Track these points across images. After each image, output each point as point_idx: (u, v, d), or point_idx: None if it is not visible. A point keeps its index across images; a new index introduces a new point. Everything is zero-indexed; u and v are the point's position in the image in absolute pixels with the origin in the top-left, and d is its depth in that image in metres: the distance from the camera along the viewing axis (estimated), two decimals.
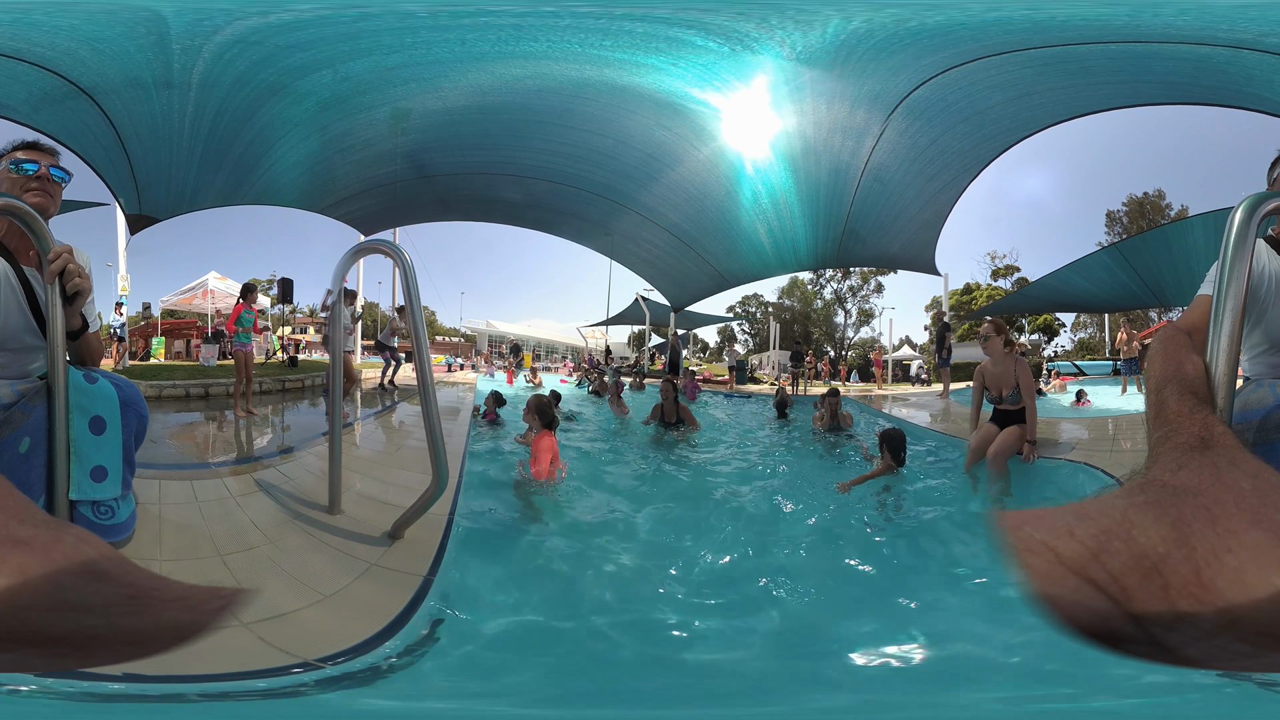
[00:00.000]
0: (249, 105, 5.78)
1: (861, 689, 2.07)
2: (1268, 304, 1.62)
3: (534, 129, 7.37)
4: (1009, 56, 4.98)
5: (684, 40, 4.95)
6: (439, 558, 2.82)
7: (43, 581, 0.44)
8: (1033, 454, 4.49)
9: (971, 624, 2.48)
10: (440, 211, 10.91)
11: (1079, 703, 1.77)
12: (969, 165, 7.52)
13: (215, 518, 3.07)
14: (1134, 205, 32.45)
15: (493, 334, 33.59)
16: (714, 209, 9.45)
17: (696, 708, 1.97)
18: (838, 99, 6.04)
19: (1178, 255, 10.32)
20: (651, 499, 4.30)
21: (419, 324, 2.88)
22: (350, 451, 4.85)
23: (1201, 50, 4.38)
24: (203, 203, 7.87)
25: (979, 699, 1.94)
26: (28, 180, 1.98)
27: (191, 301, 17.12)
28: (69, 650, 0.44)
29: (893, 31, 4.68)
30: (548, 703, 1.93)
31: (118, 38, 4.33)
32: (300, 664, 1.85)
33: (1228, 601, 0.39)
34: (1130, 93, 5.52)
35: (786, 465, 5.71)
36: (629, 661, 2.23)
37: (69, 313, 1.84)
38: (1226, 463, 0.53)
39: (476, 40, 4.98)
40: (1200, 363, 0.85)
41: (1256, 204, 1.04)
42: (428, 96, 6.17)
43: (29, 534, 0.48)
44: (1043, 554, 0.45)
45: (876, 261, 13.43)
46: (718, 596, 2.79)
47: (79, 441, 1.91)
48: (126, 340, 12.47)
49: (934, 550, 3.38)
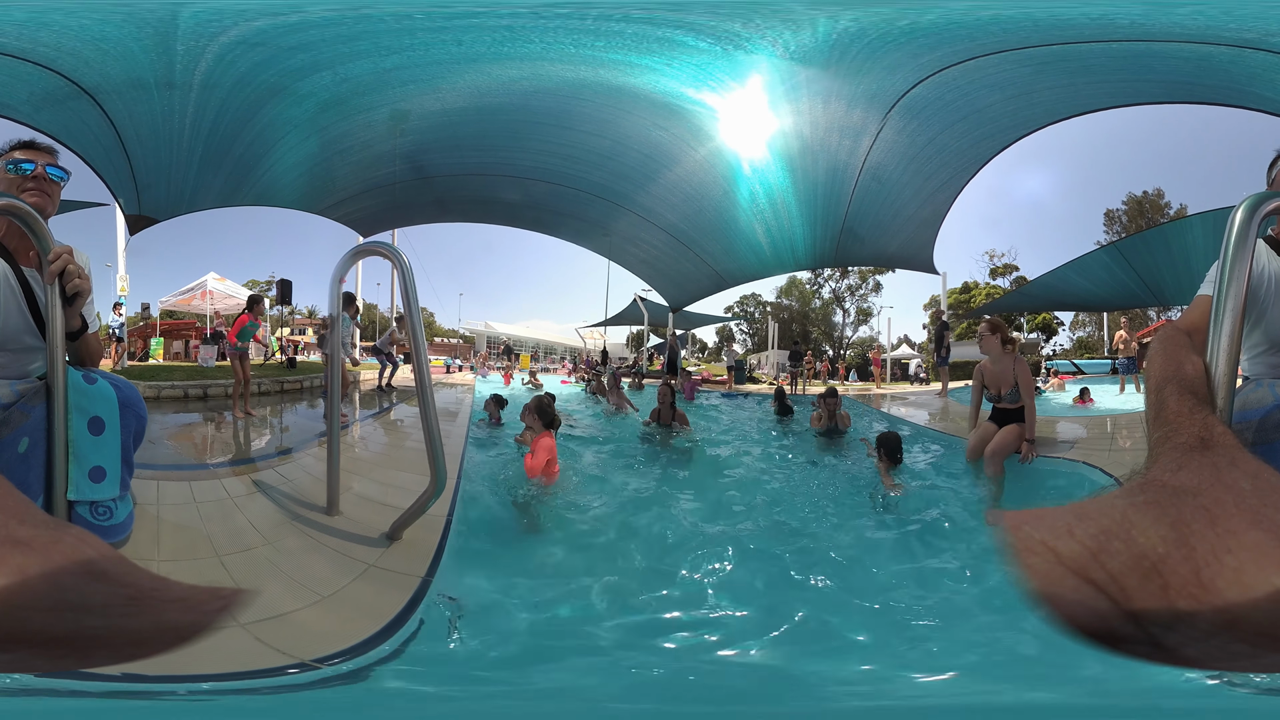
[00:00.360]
0: (249, 106, 5.79)
1: (861, 691, 2.07)
2: (1268, 304, 1.62)
3: (531, 130, 7.37)
4: (1008, 55, 4.97)
5: (675, 40, 4.95)
6: (437, 559, 2.81)
7: (42, 582, 0.44)
8: (1031, 453, 4.49)
9: (972, 625, 2.48)
10: (439, 213, 10.92)
11: (1077, 702, 1.77)
12: (967, 164, 7.53)
13: (213, 518, 3.07)
14: (1133, 204, 32.50)
15: (491, 335, 33.59)
16: (712, 209, 9.45)
17: (702, 705, 1.97)
18: (834, 98, 6.04)
19: (1177, 254, 10.33)
20: (652, 498, 4.30)
21: (417, 325, 2.88)
22: (349, 453, 4.85)
23: (1205, 49, 4.38)
24: (202, 203, 7.87)
25: (978, 699, 1.94)
26: (24, 180, 1.97)
27: (190, 302, 17.12)
28: (68, 651, 0.44)
29: (887, 30, 4.68)
30: (547, 700, 1.93)
31: (124, 38, 4.33)
32: (298, 664, 1.85)
33: (1227, 602, 0.39)
34: (1131, 91, 5.53)
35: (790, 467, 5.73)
36: (631, 660, 2.23)
37: (68, 314, 1.83)
38: (1226, 463, 0.53)
39: (473, 41, 4.99)
40: (1200, 363, 0.85)
41: (1257, 204, 1.04)
42: (426, 98, 6.17)
43: (28, 534, 0.48)
44: (1042, 553, 0.45)
45: (874, 261, 13.44)
46: (718, 595, 2.79)
47: (78, 442, 1.91)
48: (125, 341, 12.47)
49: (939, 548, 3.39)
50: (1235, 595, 0.39)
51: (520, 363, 21.75)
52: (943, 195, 8.26)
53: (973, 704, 1.91)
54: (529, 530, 3.69)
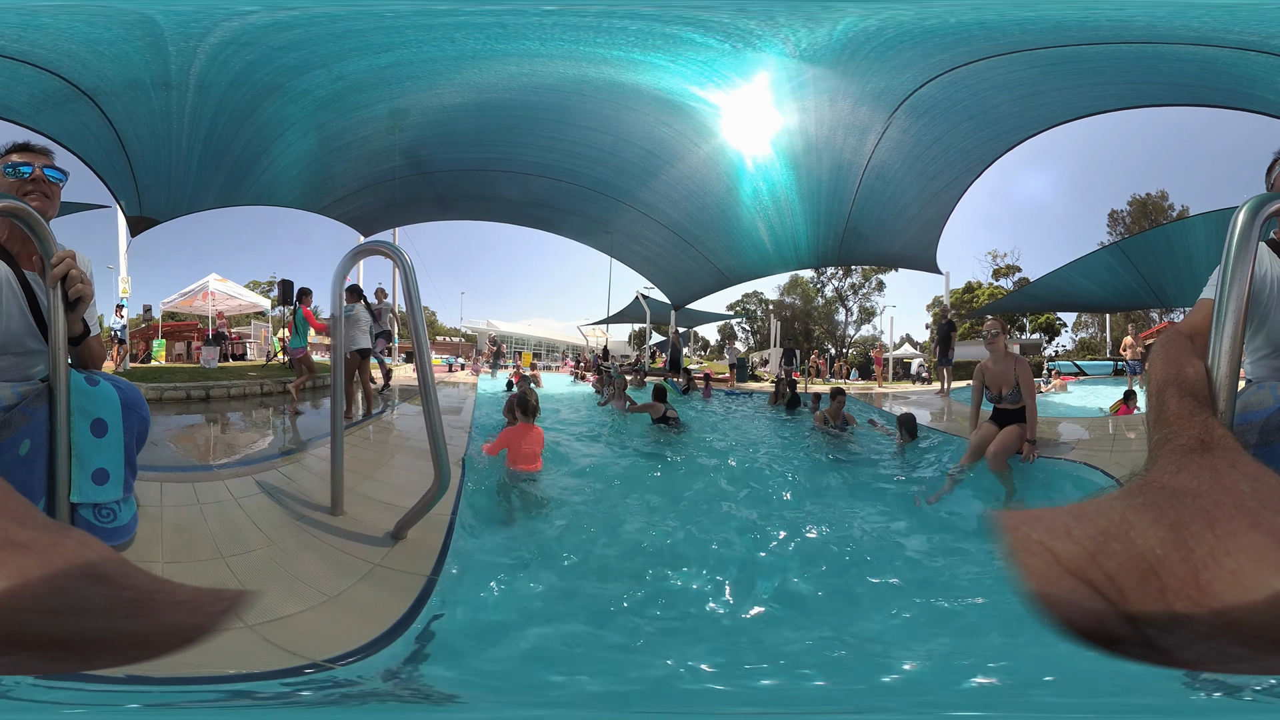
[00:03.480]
0: (246, 105, 5.80)
1: (858, 689, 2.07)
2: (1269, 308, 1.62)
3: (531, 125, 7.38)
4: (1019, 56, 4.97)
5: (682, 38, 4.96)
6: (442, 558, 2.82)
7: (42, 584, 0.44)
8: (1032, 453, 4.47)
9: (970, 624, 2.48)
10: (439, 210, 10.92)
11: (1076, 700, 1.76)
12: (972, 164, 7.52)
13: (217, 520, 3.07)
14: (1137, 206, 32.40)
15: (493, 333, 33.59)
16: (714, 206, 9.46)
17: (708, 706, 1.97)
18: (840, 96, 6.04)
19: (1179, 255, 10.30)
20: (653, 493, 4.31)
21: (419, 325, 2.89)
22: (352, 452, 4.85)
23: (1209, 52, 4.38)
24: (202, 204, 7.88)
25: (975, 700, 1.94)
26: (23, 183, 1.96)
27: (192, 304, 17.10)
28: (69, 653, 0.44)
29: (907, 29, 4.67)
30: (555, 703, 1.93)
31: (116, 40, 4.35)
32: (306, 665, 1.85)
33: (1225, 604, 0.39)
34: (1136, 93, 5.52)
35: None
36: (636, 661, 2.23)
37: (70, 319, 1.83)
38: (1226, 465, 0.53)
39: (464, 39, 5.00)
40: (1201, 366, 0.84)
41: (1258, 206, 1.03)
42: (423, 94, 6.18)
43: (28, 537, 0.48)
44: (1040, 554, 0.45)
45: (878, 260, 13.43)
46: (720, 594, 2.79)
47: (81, 444, 1.90)
48: (127, 342, 12.48)
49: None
50: (1233, 598, 0.39)
51: (523, 360, 21.79)
52: (947, 195, 8.25)
53: (972, 704, 1.91)
54: (532, 526, 3.69)
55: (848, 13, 4.48)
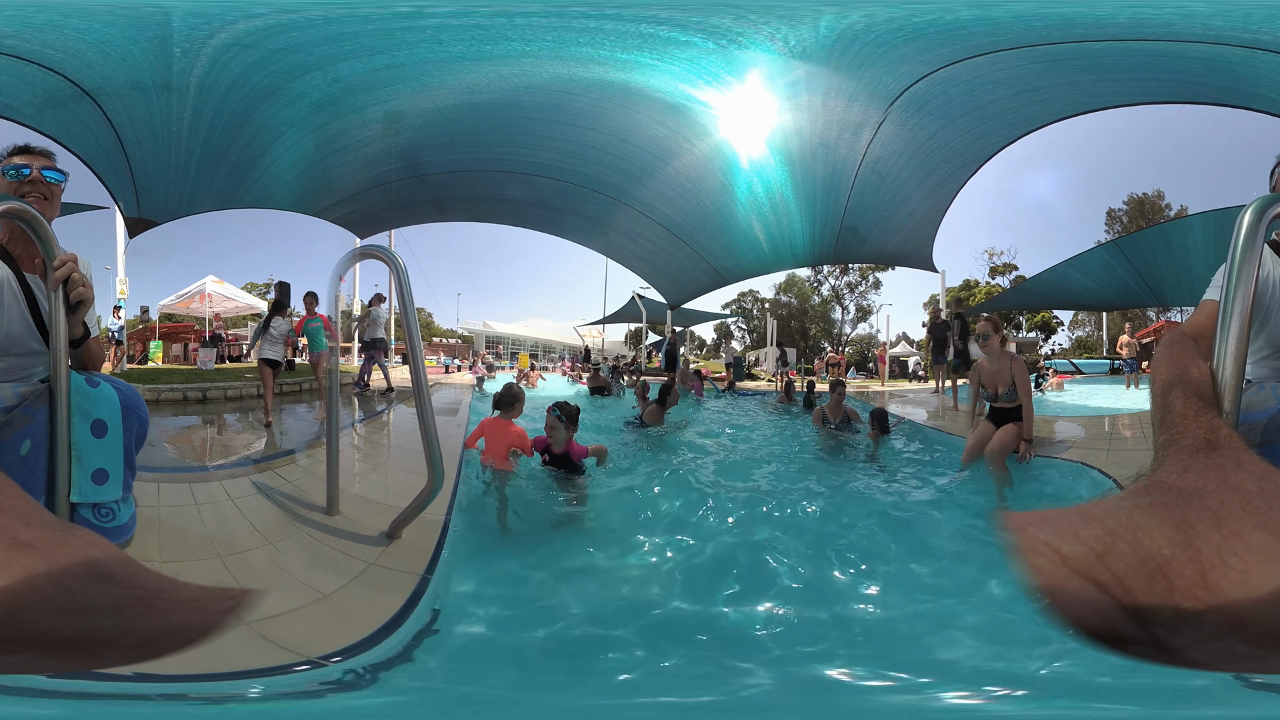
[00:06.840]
0: (245, 107, 5.78)
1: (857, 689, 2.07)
2: (1271, 309, 1.62)
3: (525, 125, 7.35)
4: (1017, 51, 4.92)
5: (665, 37, 4.94)
6: (436, 556, 2.82)
7: (48, 583, 0.44)
8: (1029, 453, 4.48)
9: (969, 624, 2.48)
10: (435, 212, 10.88)
11: (1076, 701, 1.77)
12: (969, 160, 7.50)
13: (214, 520, 3.07)
14: (1134, 204, 32.47)
15: (490, 335, 33.54)
16: (709, 205, 9.43)
17: (701, 697, 1.97)
18: (834, 93, 6.01)
19: (1177, 254, 10.30)
20: (656, 491, 4.31)
21: (413, 327, 2.90)
22: (348, 453, 4.85)
23: (1216, 50, 4.34)
24: (200, 206, 7.85)
25: (977, 700, 1.94)
26: (23, 185, 1.96)
27: (189, 305, 17.06)
28: (77, 652, 0.44)
29: (896, 26, 4.65)
30: (549, 696, 1.93)
31: (124, 40, 4.33)
32: (301, 662, 1.86)
33: (1233, 603, 0.39)
34: (1138, 90, 5.48)
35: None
36: (631, 656, 2.23)
37: (71, 321, 1.83)
38: (1232, 465, 0.53)
39: (451, 41, 5.00)
40: (1206, 367, 0.84)
41: (1265, 206, 1.02)
42: (418, 96, 6.16)
43: (35, 536, 0.48)
44: (1047, 554, 0.45)
45: (874, 258, 13.42)
46: (719, 596, 2.79)
47: (80, 444, 1.91)
48: (124, 344, 12.44)
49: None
50: (1241, 597, 0.39)
51: (519, 362, 21.80)
52: (943, 192, 8.23)
53: (972, 705, 1.91)
54: (531, 524, 3.69)
55: (826, 9, 4.45)
